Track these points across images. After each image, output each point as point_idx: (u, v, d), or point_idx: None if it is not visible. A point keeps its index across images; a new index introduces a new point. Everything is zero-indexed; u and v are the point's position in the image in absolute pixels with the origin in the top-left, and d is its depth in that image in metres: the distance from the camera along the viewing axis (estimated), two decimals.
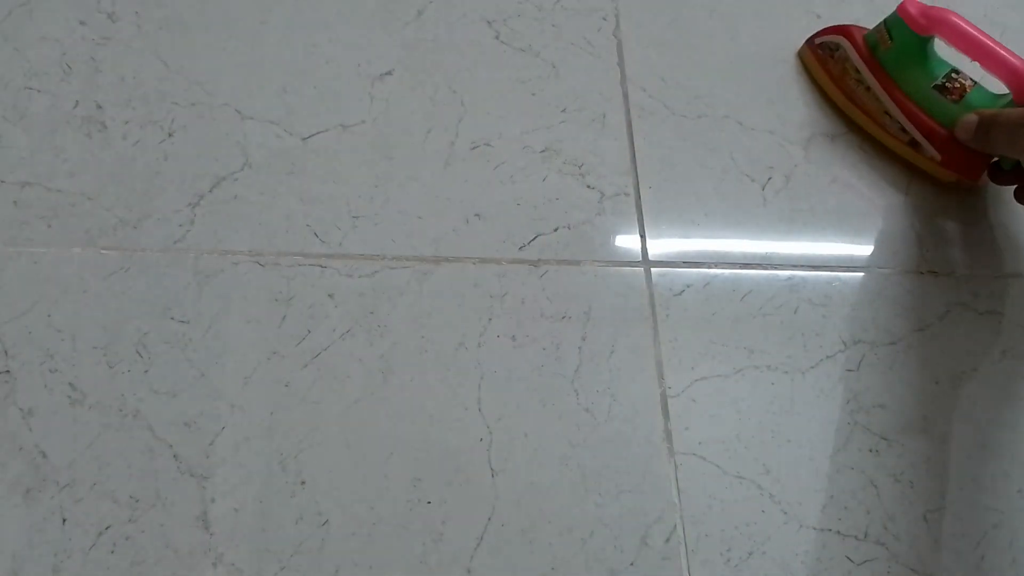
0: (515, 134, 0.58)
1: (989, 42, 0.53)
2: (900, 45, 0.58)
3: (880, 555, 0.46)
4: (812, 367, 0.52)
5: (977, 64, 0.54)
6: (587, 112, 0.59)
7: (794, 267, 0.55)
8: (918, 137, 0.58)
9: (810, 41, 0.64)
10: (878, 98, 0.59)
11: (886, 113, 0.59)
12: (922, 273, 0.56)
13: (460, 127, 0.57)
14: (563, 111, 0.59)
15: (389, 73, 0.59)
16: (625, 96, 0.60)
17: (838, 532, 0.47)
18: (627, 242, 0.55)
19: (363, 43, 0.60)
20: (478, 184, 0.55)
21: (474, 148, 0.57)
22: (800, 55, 0.65)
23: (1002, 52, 0.53)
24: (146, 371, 0.47)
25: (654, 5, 0.65)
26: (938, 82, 0.57)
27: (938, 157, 0.58)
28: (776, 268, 0.55)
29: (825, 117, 0.62)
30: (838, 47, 0.61)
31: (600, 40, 0.63)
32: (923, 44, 0.57)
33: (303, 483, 0.45)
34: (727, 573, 0.45)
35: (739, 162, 0.59)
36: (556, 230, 0.54)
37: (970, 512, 0.48)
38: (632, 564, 0.44)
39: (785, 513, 0.47)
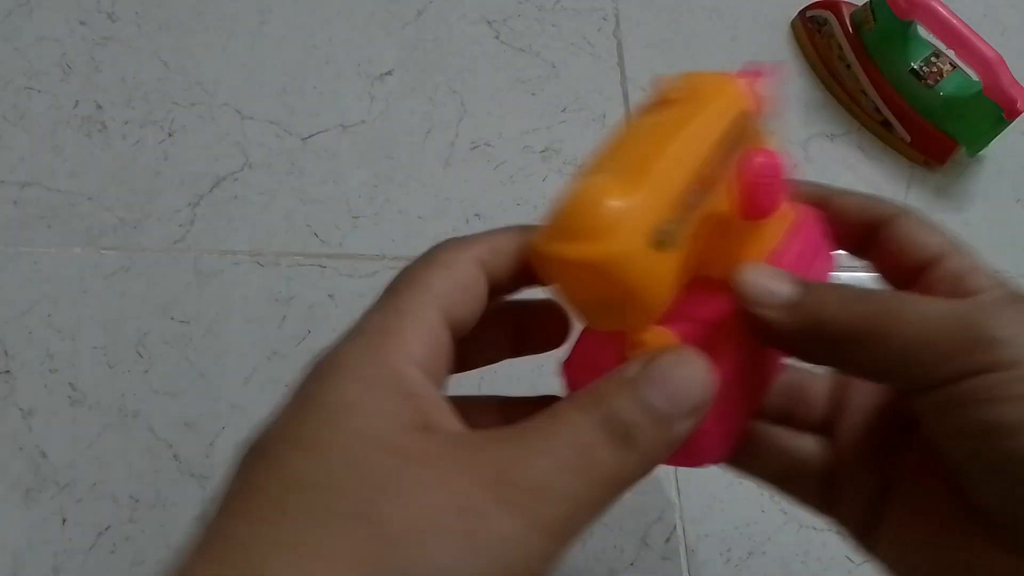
0: (515, 134, 0.58)
1: (966, 32, 0.55)
2: (882, 26, 0.59)
3: None
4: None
5: (952, 52, 0.56)
6: (587, 112, 0.59)
7: None
8: (890, 118, 0.60)
9: (802, 13, 0.65)
10: (856, 76, 0.61)
11: (862, 92, 0.61)
12: None
13: (460, 127, 0.57)
14: (563, 111, 0.59)
15: (389, 73, 0.59)
16: (625, 96, 0.60)
17: (839, 532, 0.47)
18: None
19: (363, 43, 0.60)
20: (478, 184, 0.55)
21: (474, 148, 0.57)
22: (792, 26, 0.66)
23: (977, 43, 0.54)
24: (146, 371, 0.46)
25: (654, 5, 0.65)
26: (914, 66, 0.59)
27: (908, 138, 0.60)
28: None
29: (825, 117, 0.62)
30: (826, 22, 0.62)
31: (600, 40, 0.63)
32: (904, 27, 0.58)
33: None
34: (727, 573, 0.45)
35: None
36: None
37: None
38: (632, 564, 0.44)
39: (785, 513, 0.47)
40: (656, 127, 0.21)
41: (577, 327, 0.26)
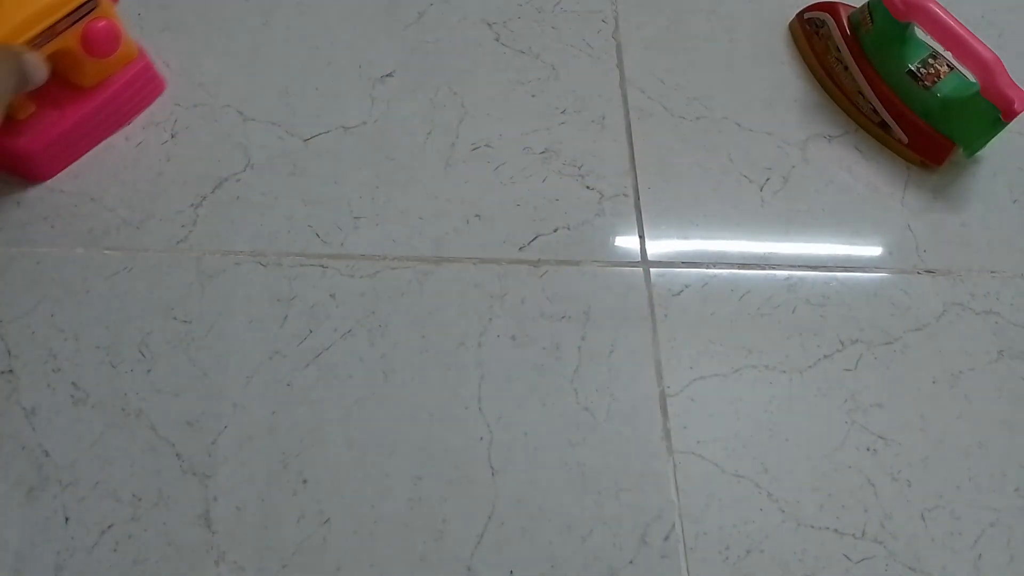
0: (515, 135, 0.58)
1: (963, 33, 0.55)
2: (880, 28, 0.60)
3: (878, 553, 0.47)
4: (810, 366, 0.52)
5: (949, 53, 0.56)
6: (586, 113, 0.59)
7: (792, 267, 0.55)
8: (887, 119, 0.60)
9: (800, 15, 0.66)
10: (854, 78, 0.61)
11: (860, 93, 0.61)
12: (919, 273, 0.57)
13: (460, 128, 0.58)
14: (563, 112, 0.59)
15: (390, 75, 0.59)
16: (624, 98, 0.61)
17: (836, 530, 0.47)
18: (626, 242, 0.55)
19: (364, 45, 0.60)
20: (478, 185, 0.55)
21: (474, 149, 0.57)
22: (790, 27, 0.66)
23: (974, 44, 0.55)
24: (149, 371, 0.47)
25: (653, 7, 0.66)
26: (912, 67, 0.59)
27: (905, 139, 0.60)
28: (774, 268, 0.55)
29: (822, 118, 0.62)
30: (824, 24, 0.63)
31: (599, 42, 0.63)
32: (902, 29, 0.59)
33: (305, 482, 0.45)
34: (725, 571, 0.45)
35: (737, 163, 0.59)
36: (556, 230, 0.54)
37: (967, 511, 0.48)
38: (631, 562, 0.45)
39: (783, 511, 0.47)
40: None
41: None
